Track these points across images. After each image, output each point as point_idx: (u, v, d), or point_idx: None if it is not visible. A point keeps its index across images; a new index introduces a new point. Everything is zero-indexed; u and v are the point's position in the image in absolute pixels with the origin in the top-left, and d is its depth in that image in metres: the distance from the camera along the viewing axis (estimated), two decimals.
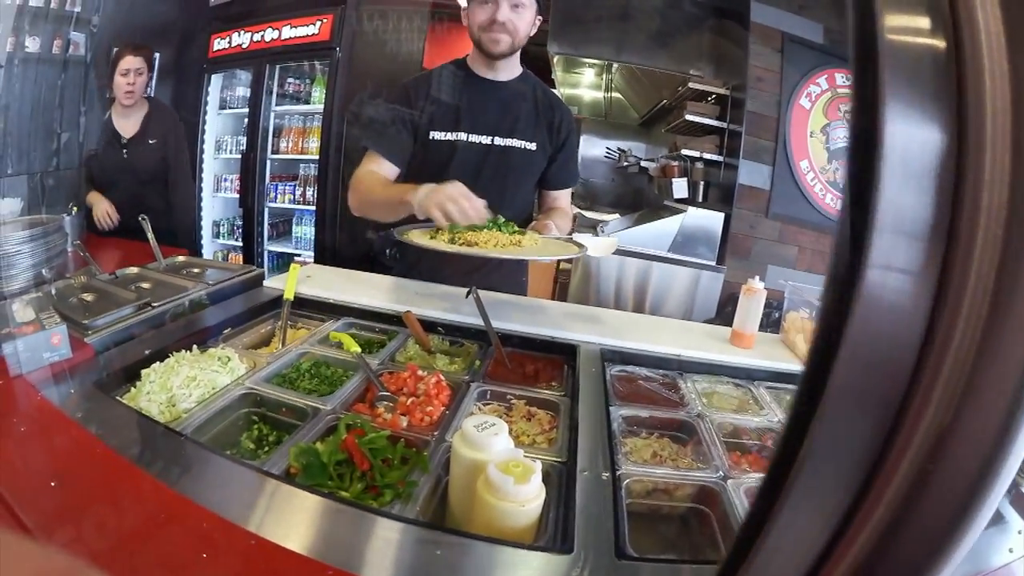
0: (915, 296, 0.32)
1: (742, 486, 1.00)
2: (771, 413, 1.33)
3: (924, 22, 0.33)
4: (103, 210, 2.54)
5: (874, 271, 0.31)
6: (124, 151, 2.68)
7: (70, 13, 3.55)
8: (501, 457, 0.77)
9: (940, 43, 0.32)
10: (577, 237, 1.69)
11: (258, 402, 1.11)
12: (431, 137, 1.73)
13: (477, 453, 0.79)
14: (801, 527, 0.34)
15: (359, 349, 1.33)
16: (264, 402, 1.11)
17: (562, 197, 1.91)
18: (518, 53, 1.74)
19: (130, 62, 2.54)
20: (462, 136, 1.72)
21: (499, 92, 1.76)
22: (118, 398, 1.04)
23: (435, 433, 1.02)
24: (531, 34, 1.72)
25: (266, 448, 1.03)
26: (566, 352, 1.48)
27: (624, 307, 3.39)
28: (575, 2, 3.77)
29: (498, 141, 1.74)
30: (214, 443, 1.00)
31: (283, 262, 4.21)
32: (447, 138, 1.72)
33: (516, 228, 1.54)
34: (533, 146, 1.78)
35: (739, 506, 0.95)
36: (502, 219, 1.54)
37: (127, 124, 2.68)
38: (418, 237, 1.51)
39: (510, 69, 1.77)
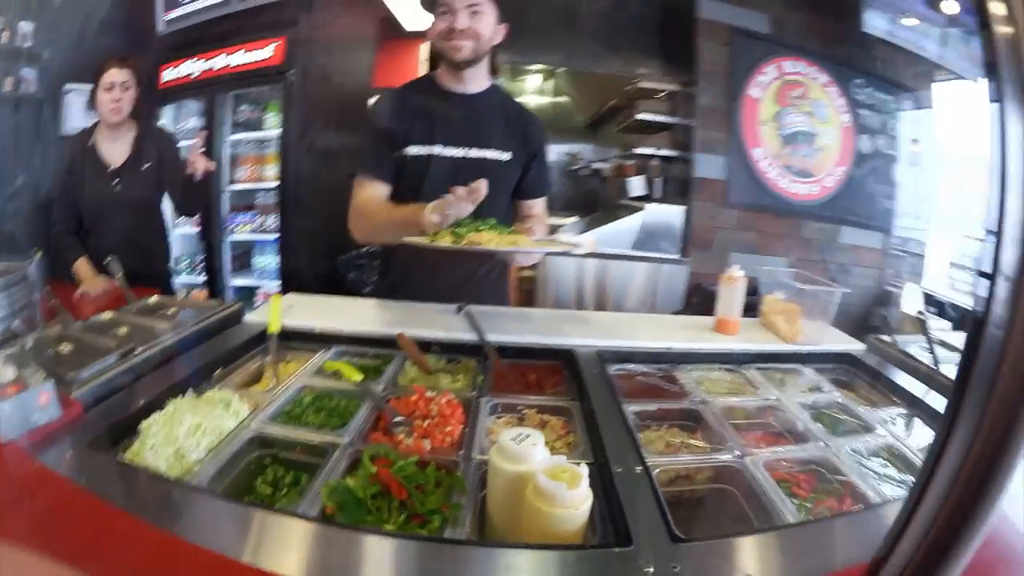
0: (1011, 295, 0.37)
1: (761, 461, 1.05)
2: (766, 392, 1.38)
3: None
4: (98, 289, 2.17)
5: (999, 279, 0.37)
6: (115, 182, 2.34)
7: (20, 48, 3.35)
8: (544, 466, 0.78)
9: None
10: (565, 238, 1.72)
11: (268, 443, 1.07)
12: (407, 152, 1.72)
13: (519, 465, 0.79)
14: (946, 483, 0.42)
15: (361, 376, 1.31)
16: (275, 442, 1.07)
17: (537, 205, 1.93)
18: (485, 64, 1.75)
19: (114, 75, 2.24)
20: (436, 149, 1.72)
21: (469, 104, 1.77)
22: (120, 456, 0.98)
23: (461, 452, 1.02)
24: (496, 41, 1.72)
25: (284, 490, 0.99)
26: (562, 357, 1.50)
27: (587, 307, 3.43)
28: (521, 8, 3.83)
29: (472, 153, 1.75)
30: (230, 492, 0.96)
31: (245, 296, 4.09)
32: (422, 152, 1.72)
33: (511, 229, 1.56)
34: (507, 156, 1.78)
35: (762, 479, 1.00)
36: (493, 220, 1.55)
37: (115, 150, 2.36)
38: (421, 239, 1.52)
39: (479, 81, 1.77)
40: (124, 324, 1.53)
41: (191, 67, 3.85)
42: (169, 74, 3.92)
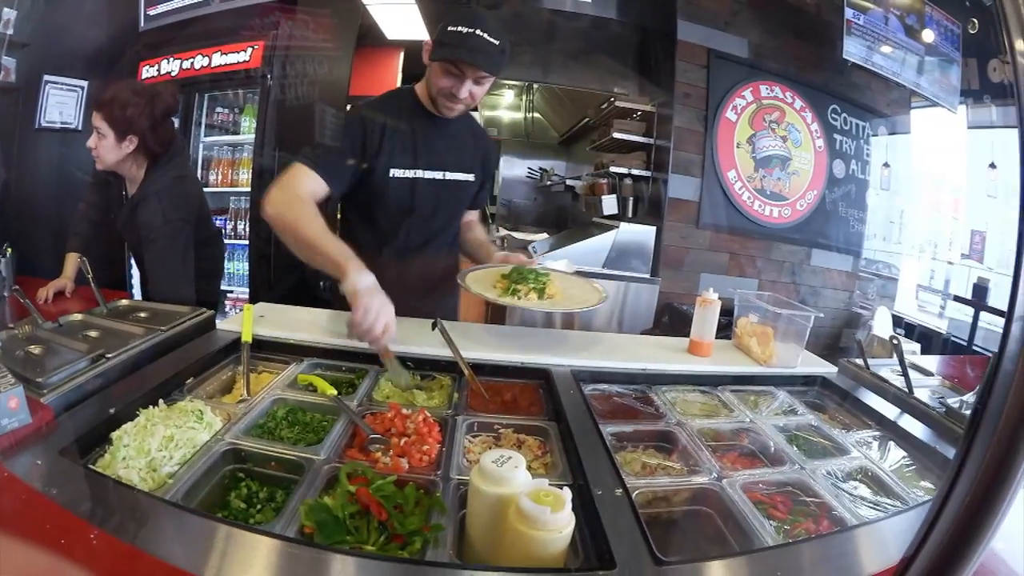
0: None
1: (738, 483, 1.07)
2: (740, 414, 1.40)
3: None
4: (60, 287, 2.02)
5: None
6: (117, 215, 2.07)
7: (1, 35, 3.19)
8: (526, 488, 0.77)
9: None
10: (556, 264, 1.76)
11: (242, 457, 1.05)
12: (391, 175, 1.70)
13: (500, 488, 0.79)
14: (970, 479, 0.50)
15: (335, 391, 1.29)
16: (250, 457, 1.04)
17: (474, 213, 2.06)
18: None
19: (93, 119, 1.90)
20: (419, 173, 1.74)
21: (446, 128, 1.78)
22: (91, 466, 0.95)
23: (438, 471, 1.01)
24: None
25: (258, 506, 0.97)
26: (538, 376, 1.50)
27: (555, 323, 3.44)
28: (499, 25, 3.84)
29: (448, 175, 1.79)
30: (203, 507, 0.94)
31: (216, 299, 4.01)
32: (406, 175, 1.72)
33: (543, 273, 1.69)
34: (471, 178, 1.87)
35: (739, 501, 1.02)
36: (528, 268, 1.67)
37: (131, 187, 2.05)
38: (487, 291, 1.62)
39: None
40: (93, 327, 1.49)
41: (169, 66, 3.76)
42: (148, 71, 3.82)
